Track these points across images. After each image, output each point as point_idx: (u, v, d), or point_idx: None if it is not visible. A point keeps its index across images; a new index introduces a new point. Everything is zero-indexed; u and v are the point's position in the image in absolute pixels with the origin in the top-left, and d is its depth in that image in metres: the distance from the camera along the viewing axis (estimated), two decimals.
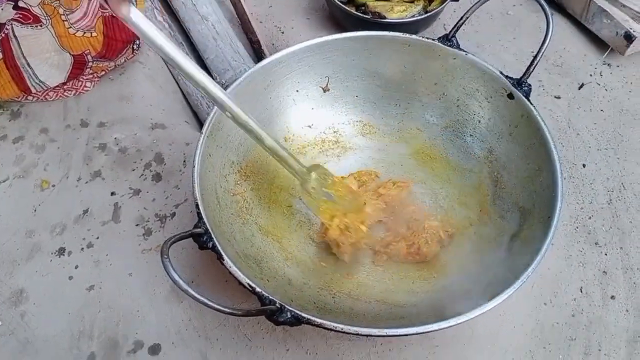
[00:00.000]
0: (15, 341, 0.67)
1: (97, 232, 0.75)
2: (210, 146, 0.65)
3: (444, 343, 0.67)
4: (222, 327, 0.68)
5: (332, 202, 0.68)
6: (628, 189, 0.80)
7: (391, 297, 0.65)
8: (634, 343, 0.67)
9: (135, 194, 0.79)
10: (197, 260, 0.73)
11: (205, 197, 0.60)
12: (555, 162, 0.62)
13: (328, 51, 0.75)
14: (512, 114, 0.69)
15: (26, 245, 0.74)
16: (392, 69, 0.77)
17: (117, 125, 0.86)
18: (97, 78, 0.90)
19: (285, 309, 0.50)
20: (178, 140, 0.85)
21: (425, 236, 0.70)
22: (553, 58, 0.98)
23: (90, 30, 0.79)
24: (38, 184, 0.80)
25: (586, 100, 0.91)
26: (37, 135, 0.85)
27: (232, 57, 0.89)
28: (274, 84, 0.75)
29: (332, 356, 0.66)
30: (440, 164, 0.77)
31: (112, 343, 0.67)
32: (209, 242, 0.55)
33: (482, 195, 0.72)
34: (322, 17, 1.05)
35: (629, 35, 0.91)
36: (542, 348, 0.67)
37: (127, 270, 0.72)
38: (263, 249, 0.67)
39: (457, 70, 0.73)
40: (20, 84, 0.81)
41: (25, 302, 0.70)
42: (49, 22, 0.76)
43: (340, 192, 0.70)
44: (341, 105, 0.81)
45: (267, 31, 1.03)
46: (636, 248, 0.75)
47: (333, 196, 0.68)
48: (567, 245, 0.75)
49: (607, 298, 0.71)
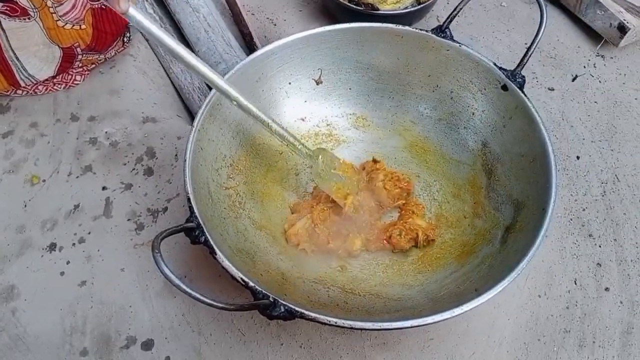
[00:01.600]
0: (7, 337, 0.66)
1: (89, 227, 0.75)
2: (202, 140, 0.65)
3: (439, 336, 0.67)
4: (216, 322, 0.67)
5: (342, 182, 0.72)
6: (622, 180, 0.80)
7: (385, 291, 0.65)
8: (628, 335, 0.67)
9: (127, 188, 0.78)
10: (189, 255, 0.72)
11: (197, 191, 0.60)
12: (549, 154, 0.61)
13: (321, 43, 0.74)
14: (506, 105, 0.69)
15: (17, 241, 0.74)
16: (385, 61, 0.76)
17: (108, 119, 0.85)
18: (87, 71, 0.88)
19: (279, 303, 0.50)
20: (170, 134, 0.84)
21: (401, 229, 0.70)
22: (547, 50, 0.97)
23: (79, 22, 0.78)
24: (28, 179, 0.79)
25: (580, 92, 0.91)
26: (26, 129, 0.84)
27: (224, 49, 0.88)
28: (266, 76, 0.74)
29: (327, 350, 0.66)
30: (434, 156, 0.77)
31: (104, 339, 0.66)
32: (201, 236, 0.54)
33: (476, 187, 0.72)
34: (314, 9, 1.04)
35: (623, 26, 0.91)
36: (536, 340, 0.67)
37: (119, 265, 0.72)
38: (256, 243, 0.66)
39: (451, 62, 0.73)
40: (9, 77, 0.80)
41: (17, 299, 0.69)
42: (37, 15, 0.75)
43: (348, 173, 0.74)
44: (334, 97, 0.80)
45: (259, 23, 1.02)
46: (630, 240, 0.75)
47: (342, 177, 0.72)
48: (561, 238, 0.75)
49: (601, 290, 0.71)
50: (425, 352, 0.66)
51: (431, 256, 0.69)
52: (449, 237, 0.70)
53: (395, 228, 0.70)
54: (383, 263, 0.69)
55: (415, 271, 0.68)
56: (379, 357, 0.66)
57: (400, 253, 0.70)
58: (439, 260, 0.68)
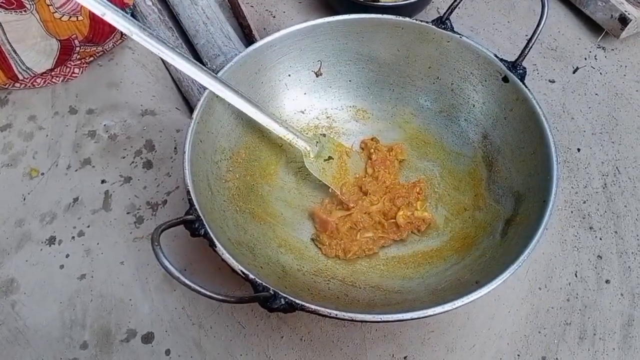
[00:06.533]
0: (6, 331, 0.66)
1: (88, 221, 0.74)
2: (201, 132, 0.64)
3: (440, 328, 0.67)
4: (216, 314, 0.67)
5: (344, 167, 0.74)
6: (623, 173, 0.80)
7: (386, 283, 0.65)
8: (629, 327, 0.67)
9: (126, 181, 0.78)
10: (189, 248, 0.72)
11: (196, 184, 0.59)
12: (550, 146, 0.61)
13: (320, 35, 0.74)
14: (506, 97, 0.69)
15: (16, 234, 0.73)
16: (385, 53, 0.76)
17: (107, 112, 0.85)
18: (86, 64, 0.88)
19: (279, 296, 0.50)
20: (169, 127, 0.84)
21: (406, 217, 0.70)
22: (547, 41, 0.97)
23: (76, 14, 0.77)
24: (27, 172, 0.79)
25: (581, 84, 0.91)
26: (25, 122, 0.84)
27: (223, 42, 0.88)
28: (265, 68, 0.73)
29: (327, 343, 0.66)
30: (434, 149, 0.77)
31: (104, 332, 0.66)
32: (201, 229, 0.54)
33: (477, 180, 0.72)
34: (313, 1, 1.03)
35: (624, 18, 0.90)
36: (537, 332, 0.67)
37: (119, 258, 0.71)
38: (256, 236, 0.66)
39: (451, 54, 0.72)
40: (7, 70, 0.79)
41: (16, 292, 0.69)
42: (33, 7, 0.74)
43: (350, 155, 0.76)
44: (334, 90, 0.80)
45: (258, 15, 1.01)
46: (631, 232, 0.75)
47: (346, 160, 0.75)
48: (561, 230, 0.75)
49: (601, 282, 0.71)
50: (426, 345, 0.66)
51: (431, 248, 0.69)
52: (449, 229, 0.70)
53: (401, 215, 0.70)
54: (383, 255, 0.69)
55: (415, 263, 0.67)
56: (380, 349, 0.66)
57: (401, 245, 0.70)
58: (440, 252, 0.68)
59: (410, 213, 0.70)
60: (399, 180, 0.75)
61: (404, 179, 0.76)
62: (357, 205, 0.71)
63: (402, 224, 0.69)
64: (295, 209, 0.73)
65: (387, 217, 0.71)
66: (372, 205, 0.71)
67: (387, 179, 0.74)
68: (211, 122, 0.67)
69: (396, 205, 0.71)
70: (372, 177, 0.74)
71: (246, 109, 0.66)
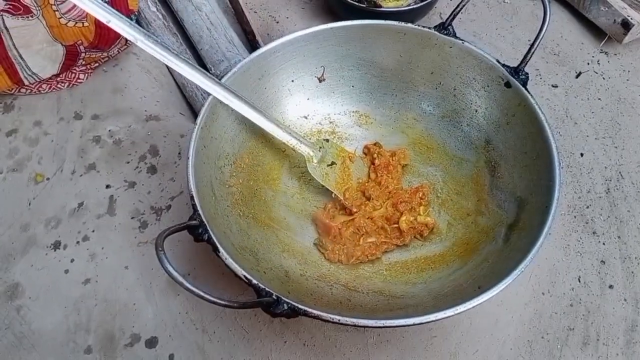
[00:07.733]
0: (12, 335, 0.66)
1: (93, 226, 0.75)
2: (205, 138, 0.65)
3: (442, 333, 0.67)
4: (219, 319, 0.68)
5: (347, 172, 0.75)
6: (626, 177, 0.80)
7: (389, 288, 0.65)
8: (632, 332, 0.67)
9: (131, 186, 0.79)
10: (193, 253, 0.72)
11: (200, 189, 0.60)
12: (552, 151, 0.61)
13: (323, 40, 0.74)
14: (509, 102, 0.69)
15: (21, 239, 0.74)
16: (388, 59, 0.76)
17: (111, 117, 0.85)
18: (91, 70, 0.89)
19: (282, 301, 0.50)
20: (173, 132, 0.84)
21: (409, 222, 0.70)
22: (550, 46, 0.97)
23: (82, 20, 0.78)
24: (32, 177, 0.79)
25: (583, 89, 0.91)
26: (30, 128, 0.84)
27: (227, 47, 0.88)
28: (268, 74, 0.74)
29: (330, 347, 0.66)
30: (437, 154, 0.77)
31: (108, 336, 0.67)
32: (205, 234, 0.54)
33: (480, 185, 0.72)
34: (317, 6, 1.04)
35: (627, 23, 0.90)
36: (540, 338, 0.67)
37: (123, 263, 0.72)
38: (259, 241, 0.66)
39: (454, 59, 0.73)
40: (13, 76, 0.80)
41: (21, 297, 0.69)
42: (39, 13, 0.75)
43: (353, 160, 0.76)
44: (337, 95, 0.80)
45: (261, 21, 1.01)
46: (634, 237, 0.74)
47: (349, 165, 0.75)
48: (564, 235, 0.75)
49: (605, 287, 0.71)
50: (429, 350, 0.66)
51: (434, 253, 0.69)
52: (452, 234, 0.70)
53: (404, 220, 0.70)
54: (386, 260, 0.69)
55: (418, 269, 0.67)
56: (382, 354, 0.66)
57: (404, 250, 0.70)
58: (442, 257, 0.68)
59: (413, 218, 0.70)
60: (401, 185, 0.75)
61: (407, 184, 0.76)
62: (360, 210, 0.72)
63: (405, 229, 0.69)
64: (298, 213, 0.74)
65: (390, 222, 0.71)
66: (375, 210, 0.72)
67: (390, 184, 0.74)
68: (215, 127, 0.67)
69: (399, 210, 0.71)
70: (375, 182, 0.75)
71: (250, 115, 0.67)
